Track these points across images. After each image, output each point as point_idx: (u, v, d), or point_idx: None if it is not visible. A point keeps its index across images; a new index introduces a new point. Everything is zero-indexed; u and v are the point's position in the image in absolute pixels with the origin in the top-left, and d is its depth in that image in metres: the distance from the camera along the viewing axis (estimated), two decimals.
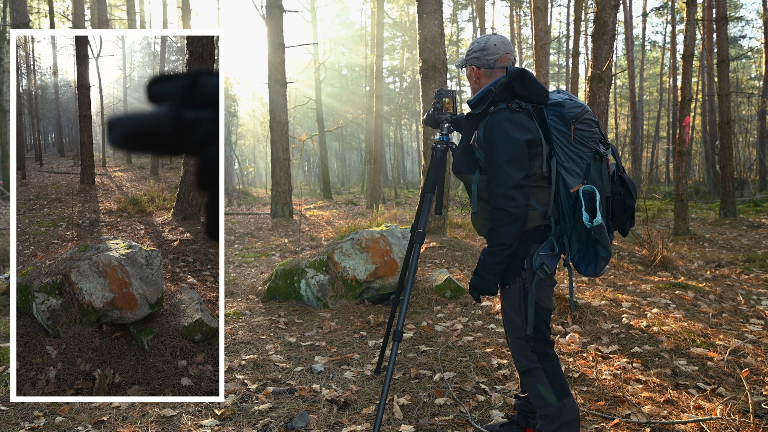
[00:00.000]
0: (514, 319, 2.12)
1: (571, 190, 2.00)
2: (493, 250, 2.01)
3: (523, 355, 2.12)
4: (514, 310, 2.11)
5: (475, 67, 2.18)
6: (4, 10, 15.48)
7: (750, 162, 22.71)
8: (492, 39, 2.17)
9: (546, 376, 2.08)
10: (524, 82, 2.02)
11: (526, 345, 2.10)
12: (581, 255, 2.02)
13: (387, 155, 37.77)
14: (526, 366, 2.11)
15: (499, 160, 1.97)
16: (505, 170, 1.96)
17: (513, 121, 1.99)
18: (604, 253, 1.97)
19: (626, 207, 2.07)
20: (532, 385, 2.11)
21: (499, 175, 1.97)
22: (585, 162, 2.03)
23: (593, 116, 2.05)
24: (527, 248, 2.07)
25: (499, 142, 1.98)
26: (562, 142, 2.02)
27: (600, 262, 1.98)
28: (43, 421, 2.55)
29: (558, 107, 2.03)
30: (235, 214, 13.66)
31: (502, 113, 2.02)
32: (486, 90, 2.11)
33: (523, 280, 2.08)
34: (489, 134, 2.02)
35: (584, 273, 2.01)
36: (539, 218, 2.06)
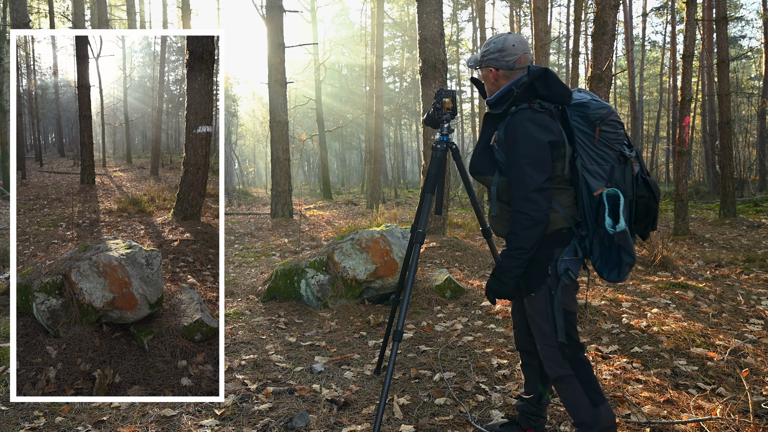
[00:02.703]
0: (543, 326, 2.05)
1: (595, 194, 1.95)
2: (513, 253, 1.96)
3: (555, 362, 2.05)
4: (542, 317, 2.05)
5: (494, 69, 2.12)
6: (4, 10, 15.48)
7: (750, 162, 22.70)
8: (509, 39, 2.10)
9: (580, 383, 2.01)
10: (547, 81, 1.97)
11: (557, 352, 2.04)
12: (603, 260, 1.97)
13: (387, 155, 37.78)
14: (559, 373, 2.05)
15: (521, 162, 1.93)
16: (527, 172, 1.91)
17: (535, 121, 1.94)
18: (628, 259, 1.92)
19: (649, 210, 2.02)
20: (565, 393, 2.05)
21: (521, 177, 1.93)
22: (609, 164, 1.98)
23: (618, 117, 2.00)
24: (550, 253, 2.02)
25: (521, 143, 1.93)
26: (585, 143, 1.98)
27: (624, 267, 1.93)
28: (43, 421, 2.55)
29: (582, 108, 1.99)
30: (235, 214, 13.66)
31: (524, 113, 1.97)
32: (506, 89, 2.06)
33: (548, 286, 2.02)
34: (510, 135, 1.97)
35: (607, 278, 1.96)
36: (561, 221, 2.02)
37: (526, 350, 2.33)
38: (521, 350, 2.36)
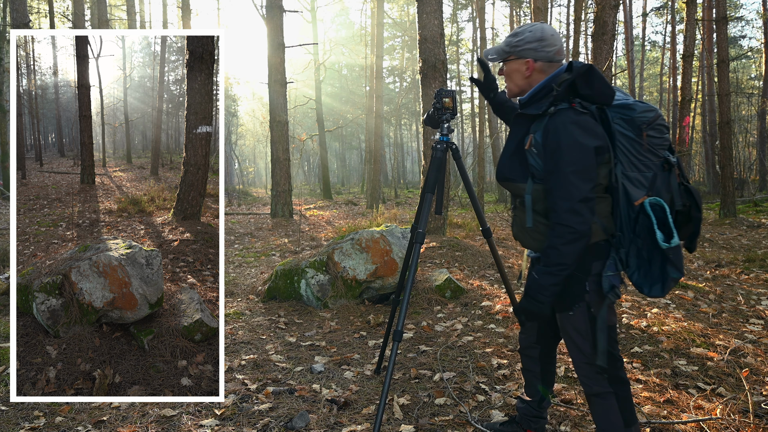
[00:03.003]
0: (580, 344, 1.92)
1: (636, 203, 1.80)
2: (552, 270, 1.79)
3: (592, 379, 1.93)
4: (579, 336, 1.91)
5: (531, 60, 1.92)
6: (4, 10, 15.48)
7: (750, 162, 22.71)
8: (546, 29, 1.92)
9: (617, 401, 1.90)
10: (590, 79, 1.80)
11: (593, 368, 1.91)
12: (643, 273, 1.83)
13: (387, 155, 37.78)
14: (596, 390, 1.93)
15: (565, 169, 1.75)
16: (572, 181, 1.74)
17: (580, 124, 1.77)
18: (675, 274, 1.78)
19: (692, 219, 1.88)
20: (599, 410, 1.94)
21: (565, 186, 1.75)
22: (651, 172, 1.83)
23: (665, 121, 1.85)
24: (588, 267, 1.86)
25: (565, 149, 1.76)
26: (627, 148, 1.82)
27: (669, 283, 1.79)
28: (43, 421, 2.55)
29: (627, 110, 1.82)
30: (235, 214, 13.66)
31: (567, 115, 1.79)
32: (543, 85, 1.90)
33: (587, 303, 1.87)
34: (552, 139, 1.78)
35: (649, 294, 1.82)
36: (600, 233, 1.86)
37: (529, 355, 2.27)
38: (524, 354, 2.29)
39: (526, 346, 2.27)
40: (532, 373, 2.28)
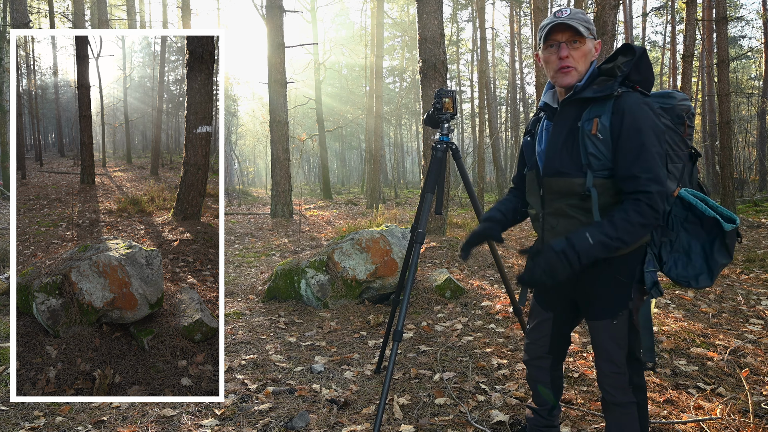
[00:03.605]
0: (612, 353, 1.81)
1: (673, 194, 1.74)
2: (611, 242, 1.62)
3: (620, 390, 1.83)
4: (616, 344, 1.80)
5: (600, 42, 1.82)
6: (4, 10, 15.48)
7: (750, 162, 22.71)
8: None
9: (638, 410, 1.83)
10: (641, 65, 1.70)
11: (624, 379, 1.81)
12: (682, 265, 1.74)
13: (387, 155, 37.80)
14: (621, 400, 1.84)
15: (651, 149, 1.62)
16: (659, 163, 1.62)
17: (651, 107, 1.67)
18: (725, 259, 1.70)
19: None
20: (618, 418, 1.86)
21: (655, 169, 1.61)
22: (681, 162, 1.76)
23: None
24: (634, 271, 1.75)
25: (645, 130, 1.63)
26: (667, 139, 1.73)
27: (718, 269, 1.71)
28: (43, 421, 2.55)
29: (666, 99, 1.75)
30: (235, 214, 13.66)
31: (636, 96, 1.67)
32: (596, 69, 1.79)
33: (630, 310, 1.76)
34: (629, 120, 1.64)
35: (697, 286, 1.72)
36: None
37: (539, 366, 2.11)
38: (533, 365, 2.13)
39: (537, 357, 2.10)
40: (542, 383, 2.13)
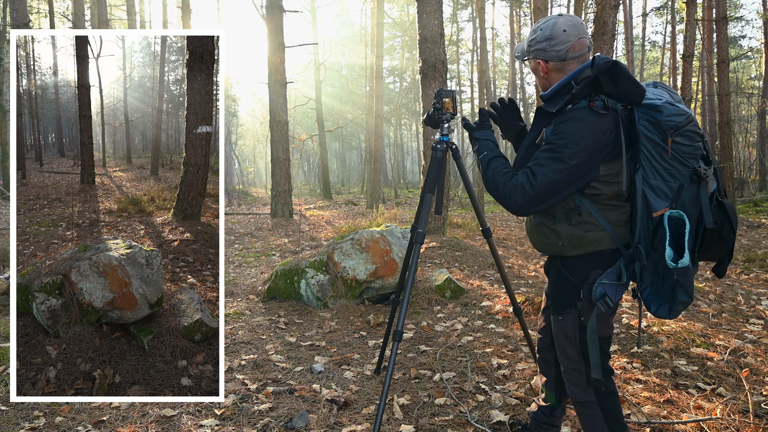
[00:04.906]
0: (567, 350, 1.88)
1: (654, 214, 1.68)
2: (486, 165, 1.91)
3: (578, 386, 1.88)
4: (567, 341, 1.87)
5: (542, 61, 1.82)
6: (4, 10, 15.48)
7: (750, 162, 22.71)
8: (560, 23, 1.77)
9: (601, 411, 1.84)
10: (614, 76, 1.68)
11: (581, 376, 1.86)
12: (654, 290, 1.70)
13: (387, 155, 37.79)
14: (581, 398, 1.88)
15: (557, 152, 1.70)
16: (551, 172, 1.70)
17: (594, 125, 1.68)
18: (684, 297, 1.65)
19: (723, 240, 1.71)
20: (584, 418, 1.90)
21: (539, 175, 1.72)
22: (678, 182, 1.68)
23: (698, 127, 1.68)
24: (586, 274, 1.79)
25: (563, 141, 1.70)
26: (651, 154, 1.68)
27: (677, 306, 1.66)
28: (43, 421, 2.55)
29: (654, 112, 1.67)
30: (235, 214, 13.66)
31: (580, 113, 1.70)
32: (563, 83, 1.79)
33: (578, 310, 1.82)
34: (559, 130, 1.72)
35: (655, 313, 1.70)
36: (607, 241, 1.76)
37: (545, 358, 2.19)
38: (541, 357, 2.21)
39: (543, 348, 2.18)
40: (547, 378, 2.19)
